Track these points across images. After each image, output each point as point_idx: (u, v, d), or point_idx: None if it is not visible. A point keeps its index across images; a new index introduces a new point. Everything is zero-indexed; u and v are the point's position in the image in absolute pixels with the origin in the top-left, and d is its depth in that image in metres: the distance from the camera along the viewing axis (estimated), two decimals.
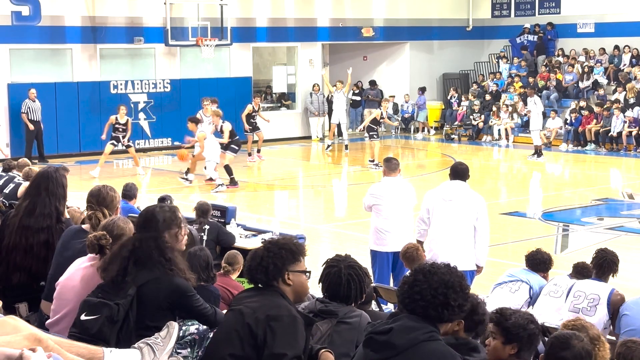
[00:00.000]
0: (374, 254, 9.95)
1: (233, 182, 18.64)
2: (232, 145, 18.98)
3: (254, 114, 23.00)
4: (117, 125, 20.49)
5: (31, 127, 21.90)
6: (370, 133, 22.16)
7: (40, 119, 22.19)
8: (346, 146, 25.35)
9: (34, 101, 22.16)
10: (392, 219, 9.84)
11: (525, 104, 27.54)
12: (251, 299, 4.37)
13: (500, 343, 4.47)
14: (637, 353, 4.50)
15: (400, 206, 9.87)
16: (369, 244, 10.13)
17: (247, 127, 22.76)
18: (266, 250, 4.39)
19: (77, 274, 5.10)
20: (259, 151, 23.22)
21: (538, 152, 23.21)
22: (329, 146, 25.39)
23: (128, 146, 20.65)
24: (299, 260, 4.42)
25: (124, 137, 20.48)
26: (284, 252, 4.37)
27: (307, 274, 4.46)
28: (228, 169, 18.65)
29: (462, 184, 9.04)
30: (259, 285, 4.41)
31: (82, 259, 5.20)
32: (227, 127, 19.01)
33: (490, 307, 5.69)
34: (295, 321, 4.21)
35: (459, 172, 9.08)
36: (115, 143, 20.49)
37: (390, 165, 9.96)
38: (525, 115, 26.18)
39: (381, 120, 22.46)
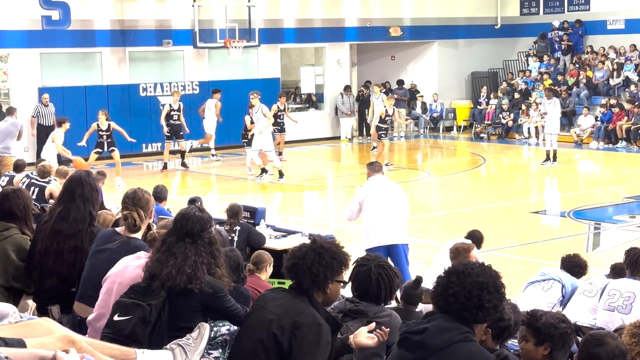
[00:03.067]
0: (369, 252, 10.01)
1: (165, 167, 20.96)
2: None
3: (279, 113, 22.98)
4: (100, 132, 19.86)
5: (33, 133, 21.91)
6: (379, 133, 21.76)
7: (52, 123, 22.18)
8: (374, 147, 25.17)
9: (47, 106, 22.21)
10: (380, 213, 10.06)
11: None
12: (278, 301, 4.35)
13: (533, 345, 4.43)
14: None
15: (387, 201, 10.11)
16: (363, 244, 10.28)
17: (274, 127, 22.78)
18: (318, 256, 4.32)
19: (131, 271, 5.12)
20: (280, 153, 23.21)
21: (553, 157, 21.89)
22: (374, 147, 25.20)
23: (112, 151, 19.88)
24: (342, 272, 4.42)
25: (109, 143, 19.80)
26: (335, 264, 4.34)
27: (343, 284, 4.46)
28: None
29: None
30: (297, 284, 4.39)
31: (131, 257, 5.24)
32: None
33: (523, 306, 5.66)
34: (320, 329, 4.19)
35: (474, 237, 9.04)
36: (100, 150, 19.90)
37: (374, 168, 10.40)
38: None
39: (387, 119, 21.99)
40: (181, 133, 21.85)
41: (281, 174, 19.49)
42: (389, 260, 9.90)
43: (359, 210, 10.26)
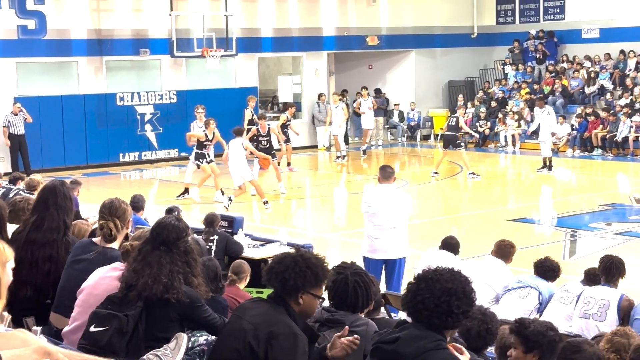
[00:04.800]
0: (366, 261, 9.96)
1: None
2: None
3: (287, 123, 22.87)
4: (205, 142, 18.42)
5: (7, 142, 21.69)
6: (457, 142, 21.42)
7: (24, 132, 21.91)
8: (343, 156, 25.15)
9: (16, 115, 21.98)
10: (384, 226, 9.91)
11: (532, 110, 27.56)
12: (255, 310, 4.31)
13: (522, 352, 4.44)
14: None
15: (393, 213, 9.92)
16: (362, 251, 10.18)
17: (282, 137, 22.47)
18: (293, 263, 4.28)
19: (105, 282, 5.09)
20: (289, 163, 23.14)
21: (548, 165, 22.07)
22: (338, 157, 25.26)
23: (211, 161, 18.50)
24: (318, 285, 4.34)
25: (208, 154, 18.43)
26: (309, 274, 4.27)
27: (320, 299, 4.40)
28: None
29: None
30: (274, 292, 4.37)
31: (106, 268, 5.21)
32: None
33: (500, 314, 5.68)
34: (296, 339, 4.15)
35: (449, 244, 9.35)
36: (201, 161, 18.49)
37: (385, 174, 10.00)
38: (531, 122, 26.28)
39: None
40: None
41: (186, 191, 18.40)
42: (383, 273, 9.92)
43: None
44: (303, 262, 4.28)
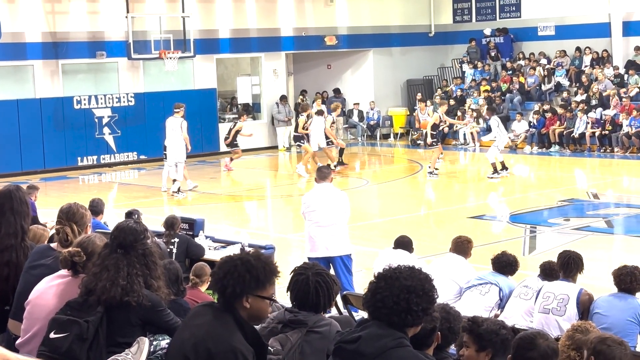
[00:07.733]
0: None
1: None
2: None
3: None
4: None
5: None
6: (432, 140, 21.43)
7: None
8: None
9: None
10: (323, 222, 10.09)
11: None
12: (200, 319, 4.13)
13: (474, 351, 4.47)
14: (617, 352, 4.45)
15: (331, 210, 10.11)
16: (305, 252, 10.35)
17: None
18: (233, 268, 4.07)
19: (49, 292, 5.05)
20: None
21: (501, 167, 21.11)
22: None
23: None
24: (263, 287, 4.10)
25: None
26: (248, 277, 4.04)
27: (270, 301, 4.19)
28: None
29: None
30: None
31: (50, 277, 5.16)
32: None
33: (461, 311, 5.70)
34: (235, 357, 3.93)
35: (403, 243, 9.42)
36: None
37: (321, 174, 10.34)
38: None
39: (441, 124, 21.75)
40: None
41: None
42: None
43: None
44: (242, 267, 4.06)
